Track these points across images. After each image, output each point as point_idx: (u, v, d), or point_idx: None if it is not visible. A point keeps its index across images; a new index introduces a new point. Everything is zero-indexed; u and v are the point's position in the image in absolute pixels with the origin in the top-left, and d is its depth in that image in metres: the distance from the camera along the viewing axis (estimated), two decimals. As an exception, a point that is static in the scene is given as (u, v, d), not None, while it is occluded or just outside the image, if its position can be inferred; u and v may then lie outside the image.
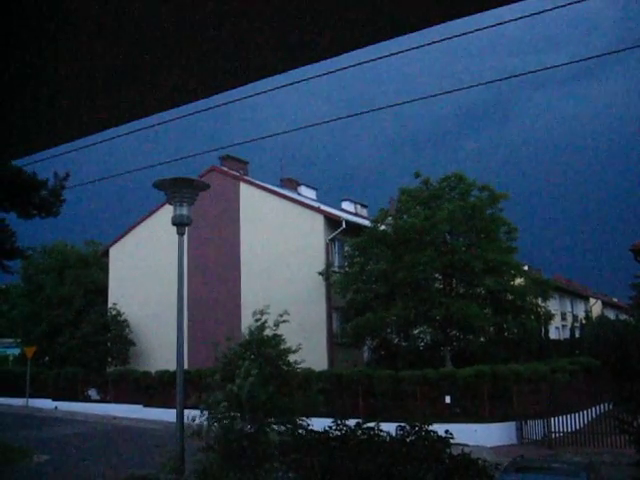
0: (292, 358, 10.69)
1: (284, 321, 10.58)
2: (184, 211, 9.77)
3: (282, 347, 10.60)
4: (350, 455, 7.80)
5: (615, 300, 64.51)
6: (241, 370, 9.80)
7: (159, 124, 8.94)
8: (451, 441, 8.50)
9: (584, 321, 41.80)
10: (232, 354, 10.47)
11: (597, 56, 7.71)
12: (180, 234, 9.87)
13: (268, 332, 10.64)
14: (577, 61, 7.70)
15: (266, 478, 8.94)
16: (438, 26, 2.16)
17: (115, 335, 33.10)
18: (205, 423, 9.85)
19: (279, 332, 10.71)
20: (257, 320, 10.77)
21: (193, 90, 2.24)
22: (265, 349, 10.33)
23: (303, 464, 8.35)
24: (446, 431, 8.53)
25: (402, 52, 6.63)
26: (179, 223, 9.82)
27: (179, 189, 9.60)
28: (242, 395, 9.52)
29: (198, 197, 10.09)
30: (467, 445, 12.55)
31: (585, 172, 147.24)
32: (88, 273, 37.09)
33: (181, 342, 9.95)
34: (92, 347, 33.16)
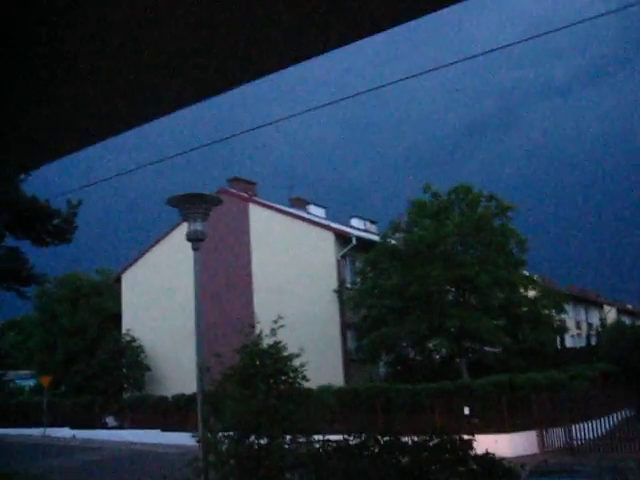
0: (297, 362, 10.28)
1: (281, 326, 10.14)
2: (198, 226, 9.84)
3: (284, 354, 10.22)
4: (371, 460, 7.74)
5: (630, 307, 63.90)
6: (231, 393, 9.72)
7: (170, 157, 9.05)
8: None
9: (600, 328, 41.41)
10: (227, 376, 10.20)
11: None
12: (195, 249, 9.94)
13: (268, 340, 10.24)
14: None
15: None
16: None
17: (130, 361, 33.16)
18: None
19: (278, 339, 10.29)
20: (247, 335, 10.38)
21: (197, 90, 2.26)
22: (266, 360, 9.95)
23: (322, 472, 8.26)
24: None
25: (408, 78, 6.74)
26: (194, 239, 9.89)
27: (192, 204, 9.70)
28: (237, 416, 9.40)
29: (208, 220, 10.07)
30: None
31: (596, 179, 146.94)
32: (101, 301, 37.29)
33: (201, 361, 9.50)
34: (108, 374, 33.21)
